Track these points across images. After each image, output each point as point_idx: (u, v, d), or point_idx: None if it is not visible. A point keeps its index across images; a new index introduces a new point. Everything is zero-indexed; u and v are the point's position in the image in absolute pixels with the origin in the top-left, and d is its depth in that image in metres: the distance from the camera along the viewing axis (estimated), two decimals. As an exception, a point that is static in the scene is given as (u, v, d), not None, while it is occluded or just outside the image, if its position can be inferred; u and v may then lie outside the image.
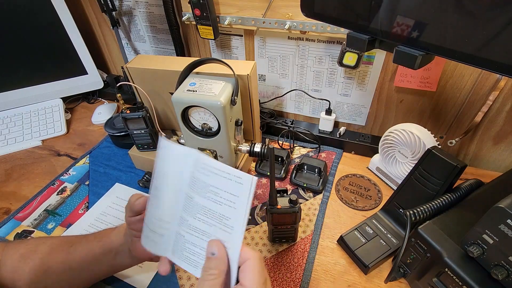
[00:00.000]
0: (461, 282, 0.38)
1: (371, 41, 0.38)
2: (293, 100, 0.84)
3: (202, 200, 0.33)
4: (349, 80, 0.73)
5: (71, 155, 0.83)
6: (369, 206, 0.64)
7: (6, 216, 0.66)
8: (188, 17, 0.74)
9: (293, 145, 0.80)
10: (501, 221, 0.33)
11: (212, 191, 0.32)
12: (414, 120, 0.71)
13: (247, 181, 0.30)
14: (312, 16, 0.43)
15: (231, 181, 0.31)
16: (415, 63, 0.34)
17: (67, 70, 0.93)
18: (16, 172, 0.78)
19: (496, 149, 0.68)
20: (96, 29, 0.98)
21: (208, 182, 0.32)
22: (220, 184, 0.32)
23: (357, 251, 0.53)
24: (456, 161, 0.47)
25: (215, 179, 0.32)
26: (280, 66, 0.78)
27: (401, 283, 0.51)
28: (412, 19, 0.33)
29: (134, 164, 0.77)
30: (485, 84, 0.60)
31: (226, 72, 0.60)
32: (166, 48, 0.91)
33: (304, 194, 0.68)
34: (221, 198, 0.32)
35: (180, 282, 0.53)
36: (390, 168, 0.66)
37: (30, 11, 0.83)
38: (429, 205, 0.45)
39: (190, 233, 0.34)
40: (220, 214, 0.32)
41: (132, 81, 0.70)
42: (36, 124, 0.90)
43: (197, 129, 0.62)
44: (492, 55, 0.29)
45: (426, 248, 0.43)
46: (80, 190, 0.72)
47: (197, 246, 0.34)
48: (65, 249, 0.47)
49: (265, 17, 0.68)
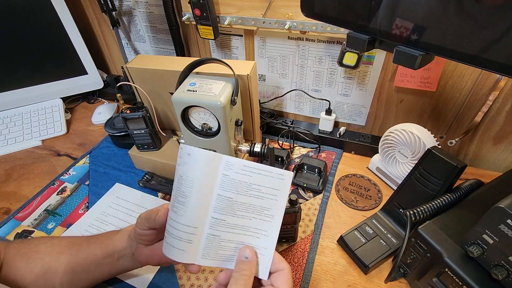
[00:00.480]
0: (461, 282, 0.38)
1: (371, 41, 0.38)
2: (293, 100, 0.84)
3: (244, 198, 0.36)
4: (349, 80, 0.73)
5: (71, 155, 0.83)
6: (369, 206, 0.64)
7: (6, 216, 0.66)
8: (188, 17, 0.74)
9: (293, 145, 0.80)
10: (501, 221, 0.33)
11: (255, 189, 0.36)
12: (414, 120, 0.71)
13: (287, 177, 0.36)
14: (312, 16, 0.43)
15: (274, 178, 0.36)
16: (415, 63, 0.34)
17: (67, 70, 0.93)
18: (16, 172, 0.78)
19: (496, 149, 0.68)
20: (96, 29, 0.98)
21: (250, 181, 0.36)
22: (263, 182, 0.36)
23: (357, 251, 0.53)
24: (456, 161, 0.47)
25: (258, 178, 0.36)
26: (280, 66, 0.78)
27: (401, 283, 0.51)
28: (412, 19, 0.33)
29: (134, 164, 0.77)
30: (485, 84, 0.60)
31: (226, 72, 0.60)
32: (166, 48, 0.91)
33: (304, 194, 0.68)
34: (263, 193, 0.36)
35: (180, 282, 0.53)
36: (390, 168, 0.66)
37: (30, 11, 0.83)
38: (429, 205, 0.45)
39: (227, 231, 0.37)
40: (261, 206, 0.36)
41: (132, 81, 0.70)
42: (36, 124, 0.90)
43: (197, 129, 0.62)
44: (493, 56, 0.29)
45: (426, 248, 0.43)
46: (80, 190, 0.72)
47: (234, 241, 0.37)
48: (66, 250, 0.47)
49: (265, 17, 0.68)
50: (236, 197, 0.36)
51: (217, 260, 0.37)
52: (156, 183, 0.71)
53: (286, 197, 0.36)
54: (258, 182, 0.36)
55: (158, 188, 0.70)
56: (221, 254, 0.37)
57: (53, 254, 0.46)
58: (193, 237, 0.36)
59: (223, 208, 0.36)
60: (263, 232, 0.37)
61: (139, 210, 0.66)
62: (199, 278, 0.53)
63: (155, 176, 0.73)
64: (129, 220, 0.64)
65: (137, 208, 0.67)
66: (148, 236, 0.40)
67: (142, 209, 0.67)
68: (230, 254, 0.37)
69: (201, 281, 0.53)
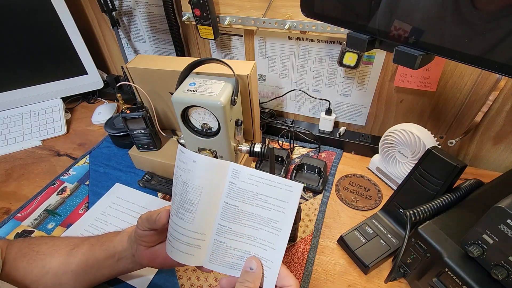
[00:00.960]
0: (461, 282, 0.38)
1: (371, 41, 0.38)
2: (293, 100, 0.84)
3: (250, 208, 0.35)
4: (349, 80, 0.73)
5: (71, 155, 0.83)
6: (369, 206, 0.64)
7: (6, 216, 0.66)
8: (188, 17, 0.74)
9: (293, 145, 0.80)
10: (501, 221, 0.33)
11: (261, 199, 0.35)
12: (414, 120, 0.71)
13: (296, 189, 0.34)
14: (312, 16, 0.42)
15: (281, 189, 0.34)
16: (415, 63, 0.34)
17: (67, 70, 0.93)
18: (16, 172, 0.78)
19: (496, 149, 0.68)
20: (96, 29, 0.98)
21: (256, 191, 0.35)
22: (269, 192, 0.35)
23: (357, 251, 0.53)
24: (456, 161, 0.47)
25: (264, 188, 0.35)
26: (280, 66, 0.78)
27: (401, 283, 0.51)
28: (412, 20, 0.33)
29: (134, 164, 0.77)
30: (485, 84, 0.60)
31: (226, 72, 0.60)
32: (166, 48, 0.91)
33: (304, 194, 0.68)
34: (270, 205, 0.35)
35: (180, 282, 0.53)
36: (390, 168, 0.66)
37: (30, 11, 0.83)
38: (429, 205, 0.45)
39: (234, 239, 0.36)
40: (269, 218, 0.35)
41: (132, 81, 0.70)
42: (36, 124, 0.90)
43: (197, 129, 0.62)
44: (493, 56, 0.29)
45: (426, 248, 0.43)
46: (80, 190, 0.72)
47: (240, 250, 0.36)
48: (66, 251, 0.47)
49: (265, 17, 0.68)
50: (242, 206, 0.35)
51: (223, 267, 0.37)
52: (156, 183, 0.71)
53: (295, 211, 0.34)
54: (265, 193, 0.35)
55: (158, 188, 0.70)
56: (227, 261, 0.37)
57: (54, 255, 0.46)
58: (201, 243, 0.37)
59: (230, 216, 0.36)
60: (270, 244, 0.35)
61: (139, 210, 0.66)
62: (199, 278, 0.53)
63: (155, 176, 0.73)
64: (129, 220, 0.64)
65: (137, 208, 0.67)
66: (148, 237, 0.40)
67: (142, 209, 0.67)
68: (236, 262, 0.37)
69: (201, 281, 0.53)
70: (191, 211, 0.35)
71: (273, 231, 0.35)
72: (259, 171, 0.35)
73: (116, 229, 0.62)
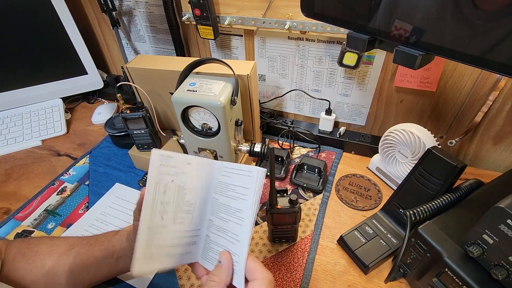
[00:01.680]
0: (461, 282, 0.38)
1: (371, 41, 0.38)
2: (293, 100, 0.84)
3: (223, 199, 0.35)
4: (349, 80, 0.73)
5: (71, 155, 0.83)
6: (369, 206, 0.64)
7: (6, 216, 0.66)
8: (188, 17, 0.74)
9: (293, 145, 0.80)
10: (501, 221, 0.33)
11: (231, 189, 0.35)
12: (414, 120, 0.71)
13: (256, 173, 0.33)
14: (312, 16, 0.42)
15: (243, 175, 0.34)
16: (415, 63, 0.34)
17: (67, 70, 0.93)
18: (16, 172, 0.78)
19: (496, 149, 0.68)
20: (96, 29, 0.98)
21: (228, 182, 0.35)
22: (236, 181, 0.34)
23: (357, 251, 0.53)
24: (456, 161, 0.47)
25: (233, 178, 0.35)
26: (280, 66, 0.78)
27: (401, 283, 0.51)
28: (412, 20, 0.33)
29: (134, 164, 0.77)
30: (485, 84, 0.60)
31: (226, 72, 0.60)
32: (166, 48, 0.91)
33: (304, 194, 0.68)
34: (237, 193, 0.34)
35: (180, 282, 0.53)
36: (390, 168, 0.66)
37: (30, 11, 0.83)
38: (429, 205, 0.45)
39: (214, 232, 0.36)
40: (235, 208, 0.34)
41: (132, 81, 0.70)
42: (36, 124, 0.90)
43: (197, 129, 0.62)
44: (493, 56, 0.29)
45: (426, 248, 0.43)
46: (80, 190, 0.72)
47: (218, 244, 0.36)
48: (66, 251, 0.47)
49: (265, 17, 0.68)
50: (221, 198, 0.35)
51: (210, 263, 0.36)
52: (156, 183, 0.71)
53: (256, 197, 0.32)
54: (234, 182, 0.34)
55: (158, 188, 0.70)
56: (212, 256, 0.36)
57: (53, 255, 0.46)
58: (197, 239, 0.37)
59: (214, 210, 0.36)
60: (236, 237, 0.34)
61: (139, 210, 0.66)
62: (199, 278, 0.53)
63: (155, 176, 0.73)
64: (129, 220, 0.64)
65: (137, 208, 0.67)
66: None
67: (142, 209, 0.66)
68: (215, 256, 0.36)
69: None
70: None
71: (237, 222, 0.34)
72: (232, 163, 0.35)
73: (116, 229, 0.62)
